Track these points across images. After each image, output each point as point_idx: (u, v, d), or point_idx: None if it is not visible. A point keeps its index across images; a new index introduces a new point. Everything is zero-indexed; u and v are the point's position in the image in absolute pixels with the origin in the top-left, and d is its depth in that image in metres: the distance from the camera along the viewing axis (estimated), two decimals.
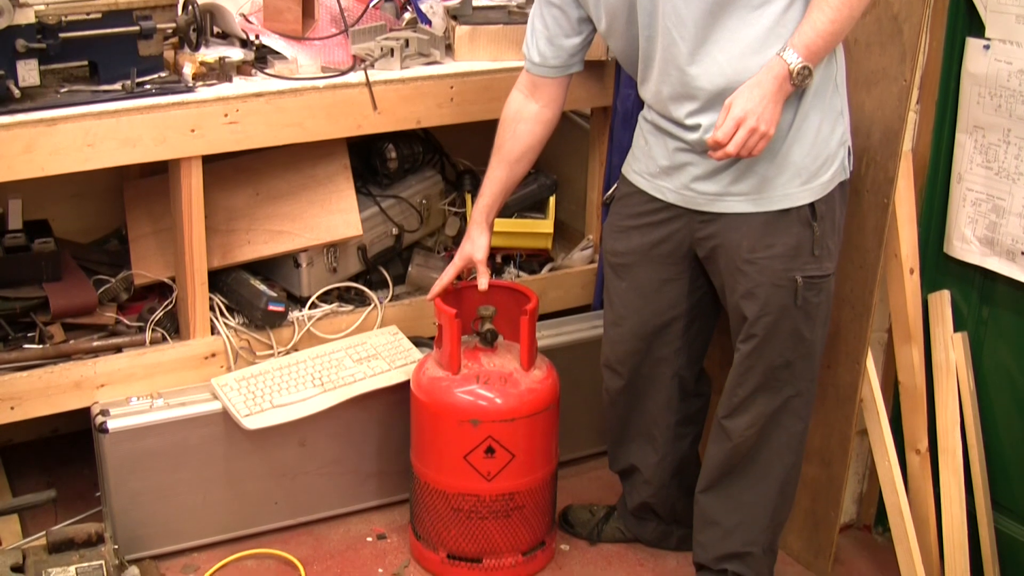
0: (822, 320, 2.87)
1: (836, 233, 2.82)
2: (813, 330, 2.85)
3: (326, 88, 3.20)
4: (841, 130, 2.75)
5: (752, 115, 2.56)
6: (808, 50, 2.55)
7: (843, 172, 2.78)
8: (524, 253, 3.83)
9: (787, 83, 2.58)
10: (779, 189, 2.73)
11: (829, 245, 2.80)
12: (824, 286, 2.82)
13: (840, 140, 2.76)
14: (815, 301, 2.82)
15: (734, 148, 2.58)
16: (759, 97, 2.57)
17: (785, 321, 2.82)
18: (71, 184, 3.37)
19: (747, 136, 2.57)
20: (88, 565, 2.92)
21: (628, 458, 3.29)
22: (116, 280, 3.37)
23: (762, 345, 2.86)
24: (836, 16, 2.54)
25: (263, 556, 3.32)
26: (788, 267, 2.77)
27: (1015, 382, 3.12)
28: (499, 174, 3.15)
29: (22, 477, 3.62)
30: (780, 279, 2.78)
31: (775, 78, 2.57)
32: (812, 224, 2.75)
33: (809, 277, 2.78)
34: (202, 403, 3.20)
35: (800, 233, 2.76)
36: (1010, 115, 2.93)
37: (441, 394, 3.11)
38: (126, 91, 3.01)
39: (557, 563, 3.36)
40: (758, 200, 2.75)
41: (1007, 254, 3.01)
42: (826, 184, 2.75)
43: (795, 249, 2.77)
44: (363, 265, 3.60)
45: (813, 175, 2.73)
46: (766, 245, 2.78)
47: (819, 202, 2.75)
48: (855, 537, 3.52)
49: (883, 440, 3.14)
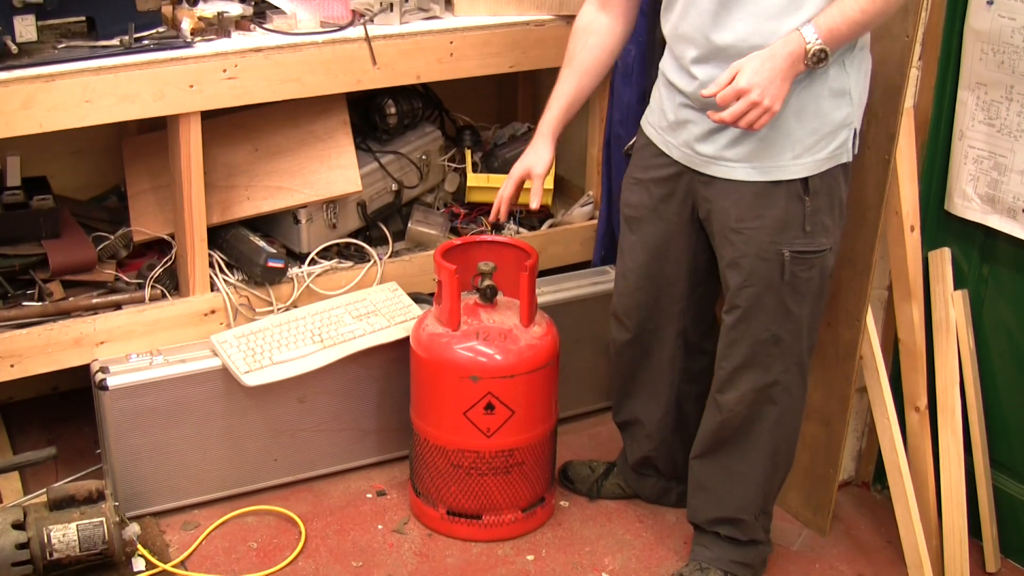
0: (813, 295, 2.83)
1: (835, 211, 2.77)
2: (801, 305, 2.81)
3: (325, 43, 3.19)
4: (846, 111, 2.68)
5: (757, 88, 2.51)
6: (830, 33, 2.51)
7: (845, 153, 2.72)
8: (524, 209, 3.82)
9: (800, 62, 2.53)
10: (772, 160, 2.69)
11: (825, 222, 2.75)
12: (816, 262, 2.78)
13: (843, 120, 2.68)
14: (804, 276, 2.78)
15: (730, 117, 2.55)
16: (768, 71, 2.51)
17: (770, 295, 2.79)
18: (70, 141, 3.37)
19: (747, 108, 2.53)
20: (89, 522, 2.93)
21: (632, 410, 3.30)
22: (115, 237, 3.37)
23: (746, 317, 2.84)
24: (868, 7, 2.49)
25: (263, 512, 3.33)
26: (775, 240, 2.74)
27: (1015, 340, 3.12)
28: (567, 87, 3.05)
29: (23, 435, 3.63)
30: (766, 252, 2.75)
31: (789, 55, 2.52)
32: (804, 198, 2.71)
33: (798, 252, 2.75)
34: (202, 360, 3.20)
35: (790, 206, 2.72)
36: (1012, 72, 2.92)
37: (441, 350, 3.11)
38: (124, 46, 2.99)
39: (556, 519, 3.37)
40: (749, 168, 2.71)
41: (1008, 212, 3.01)
42: (822, 161, 2.70)
43: (784, 222, 2.73)
44: (363, 221, 3.59)
45: (808, 149, 2.68)
46: (755, 215, 2.75)
47: (814, 178, 2.70)
48: (854, 494, 3.53)
49: (882, 398, 3.15)
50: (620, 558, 3.23)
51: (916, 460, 3.22)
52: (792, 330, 2.84)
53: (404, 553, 3.21)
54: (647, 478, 3.40)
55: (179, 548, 3.18)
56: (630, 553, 3.25)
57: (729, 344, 2.90)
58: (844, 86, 2.66)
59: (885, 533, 3.36)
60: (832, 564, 3.25)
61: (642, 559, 3.23)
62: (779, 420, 2.94)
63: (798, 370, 2.91)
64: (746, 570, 3.10)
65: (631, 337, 3.16)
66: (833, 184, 2.74)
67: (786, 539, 3.32)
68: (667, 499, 3.42)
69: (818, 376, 3.21)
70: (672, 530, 3.34)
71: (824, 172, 2.71)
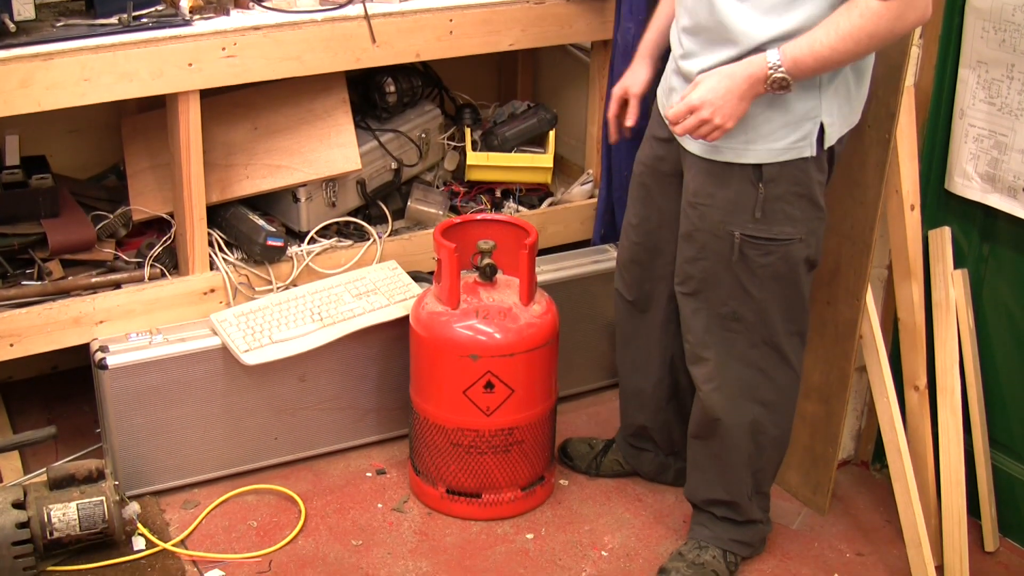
0: (778, 282, 2.80)
1: (803, 202, 2.73)
2: (763, 289, 2.80)
3: (324, 21, 3.18)
4: (811, 104, 2.63)
5: (708, 107, 2.57)
6: (795, 63, 2.50)
7: (808, 147, 2.66)
8: (524, 187, 3.83)
9: (760, 85, 2.54)
10: (727, 141, 2.67)
11: (788, 211, 2.72)
12: (775, 250, 2.75)
13: (807, 113, 2.64)
14: (761, 261, 2.76)
15: (681, 131, 2.64)
16: (724, 90, 2.56)
17: (723, 271, 2.80)
18: (68, 119, 3.36)
19: (696, 124, 2.59)
20: (89, 501, 2.94)
21: (628, 375, 3.32)
22: (114, 216, 3.37)
23: (702, 288, 2.85)
24: (838, 45, 2.47)
25: (263, 491, 3.34)
26: (725, 220, 2.75)
27: (1015, 320, 3.12)
28: (667, 8, 3.02)
29: (22, 414, 3.63)
30: (718, 230, 2.76)
31: (749, 77, 2.54)
32: (757, 185, 2.69)
33: (750, 236, 2.73)
34: (201, 339, 3.20)
35: (741, 190, 2.71)
36: (1014, 50, 2.91)
37: (440, 329, 3.11)
38: (123, 25, 2.98)
39: (556, 498, 3.38)
40: (708, 146, 2.72)
41: (1008, 191, 3.00)
42: (779, 151, 2.66)
43: (733, 204, 2.73)
44: (362, 200, 3.58)
45: (764, 137, 2.65)
46: (708, 193, 2.76)
47: (769, 166, 2.67)
48: (853, 473, 3.53)
49: (882, 377, 3.14)
50: (619, 536, 3.24)
51: (915, 439, 3.23)
52: (755, 310, 2.83)
53: (404, 532, 3.22)
54: (645, 452, 3.41)
55: (179, 527, 3.18)
56: (629, 531, 3.26)
57: (691, 314, 2.91)
58: (814, 82, 2.61)
59: (884, 512, 3.36)
60: (831, 543, 3.25)
61: (641, 537, 3.23)
62: (752, 398, 2.93)
63: (772, 352, 2.89)
64: (744, 548, 3.11)
65: (627, 294, 3.19)
66: (798, 175, 2.70)
67: (785, 518, 3.33)
68: (665, 476, 3.43)
69: (818, 355, 3.21)
70: (671, 509, 3.35)
71: (785, 162, 2.67)
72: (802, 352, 2.97)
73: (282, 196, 3.46)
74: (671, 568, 3.05)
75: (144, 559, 3.04)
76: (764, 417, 2.97)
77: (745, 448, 2.99)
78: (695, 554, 3.07)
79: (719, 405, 2.94)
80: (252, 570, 3.06)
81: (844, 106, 2.69)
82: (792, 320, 2.88)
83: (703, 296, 2.86)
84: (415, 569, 3.08)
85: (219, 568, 3.06)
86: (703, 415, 2.99)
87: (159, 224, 3.39)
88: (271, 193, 3.44)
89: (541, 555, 3.16)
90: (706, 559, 3.06)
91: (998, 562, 3.22)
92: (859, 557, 3.21)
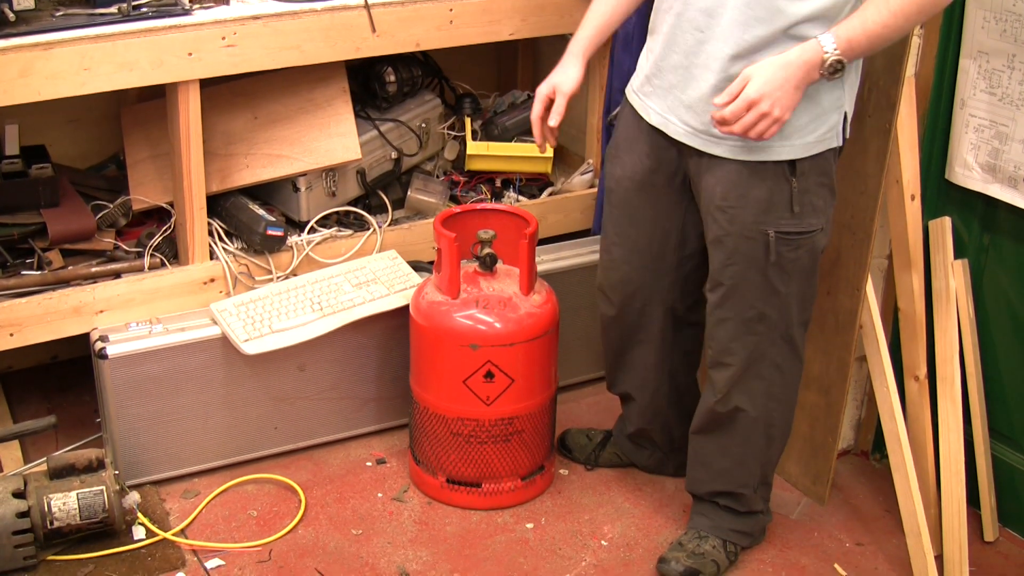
0: (801, 273, 2.79)
1: (826, 191, 2.73)
2: (788, 284, 2.78)
3: (324, 11, 3.17)
4: (837, 94, 2.63)
5: (768, 99, 2.47)
6: (849, 44, 2.46)
7: (835, 137, 2.67)
8: (524, 177, 3.82)
9: (815, 71, 2.48)
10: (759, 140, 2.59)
11: (815, 203, 2.71)
12: (803, 243, 2.74)
13: (834, 103, 2.63)
14: (791, 257, 2.74)
15: (740, 129, 2.51)
16: (781, 80, 2.47)
17: (754, 274, 2.76)
18: (68, 109, 3.36)
19: (756, 119, 2.49)
20: (89, 491, 2.94)
21: (623, 385, 3.30)
22: (114, 205, 3.36)
23: (731, 295, 2.81)
24: (890, 21, 2.43)
25: (263, 481, 3.34)
26: (760, 220, 2.70)
27: (1015, 310, 3.12)
28: (602, 7, 2.97)
29: (22, 404, 3.63)
30: (750, 231, 2.71)
31: (805, 63, 2.47)
32: (791, 180, 2.66)
33: (784, 233, 2.71)
34: (201, 328, 3.20)
35: (776, 187, 2.67)
36: (1015, 40, 2.91)
37: (440, 318, 3.11)
38: (122, 14, 2.98)
39: (556, 488, 3.38)
40: (737, 147, 2.66)
41: (1009, 181, 3.00)
42: (812, 144, 2.64)
43: (769, 203, 2.68)
44: (362, 189, 3.58)
45: (797, 131, 2.62)
46: (739, 195, 2.70)
47: (802, 160, 2.65)
48: (853, 463, 3.54)
49: (882, 367, 3.15)
50: (619, 526, 3.24)
51: (915, 429, 3.23)
52: (778, 307, 2.81)
53: (404, 521, 3.22)
54: (643, 449, 3.41)
55: (179, 516, 3.18)
56: (629, 521, 3.26)
57: (716, 323, 2.88)
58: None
59: (884, 502, 3.37)
60: (831, 533, 3.26)
61: (641, 527, 3.24)
62: (770, 394, 2.93)
63: (786, 345, 2.88)
64: (744, 538, 3.11)
65: (616, 313, 3.14)
66: (824, 166, 2.70)
67: (785, 508, 3.33)
68: (664, 470, 3.43)
69: (818, 345, 3.21)
70: (671, 498, 3.35)
71: (814, 155, 2.66)
72: (805, 342, 2.96)
73: (282, 186, 3.46)
74: (671, 558, 3.05)
75: (144, 548, 3.05)
76: (775, 411, 2.97)
77: (757, 442, 2.99)
78: (695, 544, 3.07)
79: (737, 399, 2.93)
80: (252, 559, 3.06)
81: (855, 93, 2.71)
82: (805, 311, 2.88)
83: (731, 304, 2.83)
84: (415, 558, 3.09)
85: (219, 557, 3.06)
86: (714, 410, 2.98)
87: (159, 214, 3.39)
88: (271, 183, 3.43)
89: (541, 544, 3.16)
90: (706, 548, 3.06)
91: (998, 552, 3.23)
92: (859, 547, 3.22)
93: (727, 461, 3.04)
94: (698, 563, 3.04)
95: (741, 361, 2.88)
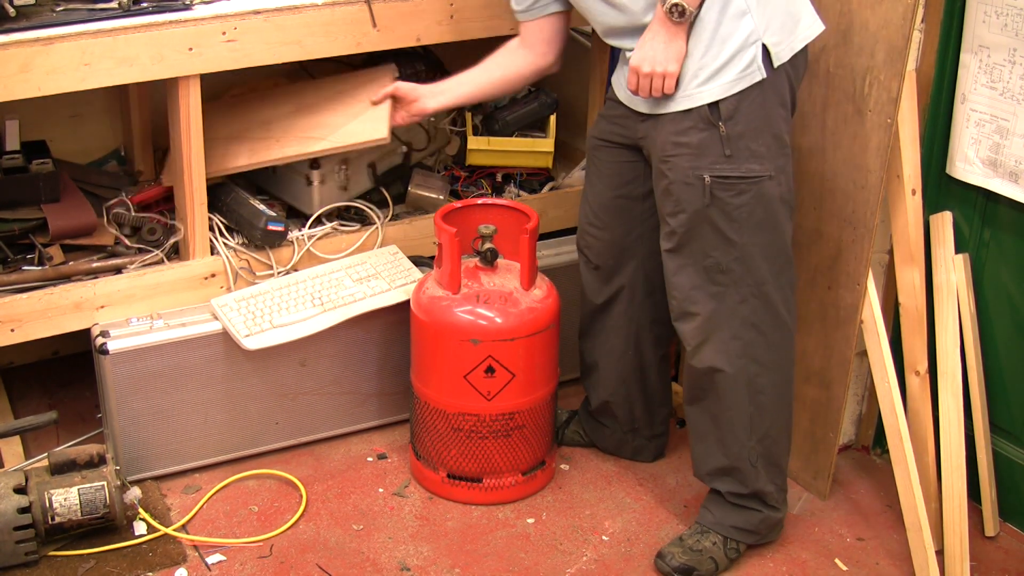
0: (758, 226, 2.83)
1: (765, 136, 2.79)
2: (742, 233, 2.82)
3: (325, 5, 3.17)
4: (747, 29, 2.71)
5: (645, 62, 2.75)
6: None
7: (757, 71, 2.74)
8: (524, 172, 3.82)
9: (668, 23, 2.71)
10: (680, 91, 2.78)
11: (752, 147, 2.78)
12: (747, 188, 2.79)
13: (745, 39, 2.72)
14: (735, 202, 2.80)
15: (644, 94, 2.81)
16: (647, 42, 2.74)
17: (702, 221, 2.83)
18: (69, 104, 3.36)
19: (648, 81, 2.78)
20: (90, 486, 2.94)
21: (592, 352, 3.34)
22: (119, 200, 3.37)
23: (684, 242, 2.87)
24: None
25: (264, 476, 3.34)
26: (695, 165, 2.80)
27: (1015, 304, 3.12)
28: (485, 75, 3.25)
29: (23, 399, 3.63)
30: (688, 177, 2.81)
31: (659, 21, 2.72)
32: (718, 124, 2.75)
33: (721, 177, 2.78)
34: (202, 324, 3.20)
35: (706, 131, 2.77)
36: (1016, 34, 2.90)
37: (441, 313, 3.11)
38: (123, 9, 2.97)
39: (557, 483, 3.38)
40: (660, 102, 2.83)
41: (1010, 175, 3.00)
42: (731, 84, 2.74)
43: (699, 148, 2.79)
44: (372, 183, 3.58)
45: (713, 75, 2.74)
46: (674, 144, 2.82)
47: (724, 101, 2.75)
48: (853, 458, 3.54)
49: (883, 362, 3.14)
50: (620, 521, 3.24)
51: (916, 424, 3.23)
52: (739, 259, 2.85)
53: (405, 516, 3.22)
54: (604, 427, 3.44)
55: (180, 512, 3.19)
56: (630, 516, 3.26)
57: (675, 272, 2.93)
58: (742, 7, 2.70)
59: (885, 497, 3.37)
60: (832, 528, 3.26)
61: (642, 522, 3.24)
62: (749, 356, 2.93)
63: (761, 303, 2.89)
64: (748, 536, 3.10)
65: (594, 260, 3.22)
66: (757, 110, 2.77)
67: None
68: (623, 451, 3.46)
69: (818, 339, 3.21)
70: (672, 493, 3.35)
71: (738, 95, 2.74)
72: (793, 306, 2.97)
73: (294, 179, 3.46)
74: (668, 552, 3.05)
75: (145, 544, 3.05)
76: (762, 376, 2.96)
77: (743, 407, 2.98)
78: (695, 539, 3.07)
79: (711, 358, 2.94)
80: (253, 555, 3.06)
81: (786, 21, 2.77)
82: (780, 271, 2.89)
83: (686, 251, 2.88)
84: (416, 553, 3.09)
85: (220, 552, 3.06)
86: (695, 373, 2.99)
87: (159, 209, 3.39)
88: (284, 175, 3.46)
89: (542, 539, 3.16)
90: (705, 545, 3.06)
91: (998, 546, 3.23)
92: (860, 542, 3.22)
93: (717, 431, 3.04)
94: (694, 559, 3.04)
95: (707, 312, 2.91)
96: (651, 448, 3.46)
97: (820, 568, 3.12)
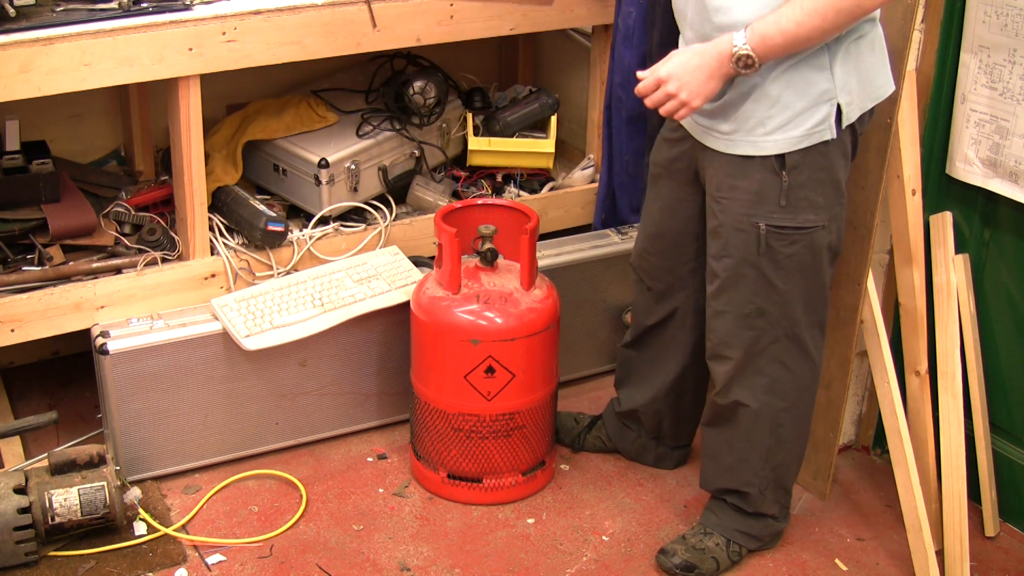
0: (803, 271, 2.78)
1: (826, 188, 2.72)
2: (788, 280, 2.78)
3: (324, 5, 3.17)
4: (824, 87, 2.61)
5: (675, 80, 2.59)
6: (762, 42, 2.50)
7: (828, 131, 2.64)
8: (525, 172, 3.82)
9: (727, 64, 2.55)
10: (746, 135, 2.67)
11: (811, 198, 2.70)
12: (799, 238, 2.74)
13: (821, 96, 2.62)
14: (786, 252, 2.75)
15: (651, 104, 2.65)
16: (694, 67, 2.58)
17: (748, 267, 2.78)
18: (69, 104, 3.37)
19: (664, 99, 2.61)
20: (90, 486, 2.94)
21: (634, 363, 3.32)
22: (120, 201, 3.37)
23: (726, 287, 2.83)
24: (805, 20, 2.46)
25: (264, 476, 3.34)
26: (750, 212, 2.72)
27: (1016, 305, 3.12)
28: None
29: (23, 399, 3.63)
30: (741, 223, 2.74)
31: (718, 54, 2.56)
32: (780, 173, 2.68)
33: (776, 227, 2.72)
34: (202, 324, 3.20)
35: (766, 180, 2.69)
36: (1016, 35, 2.90)
37: (441, 314, 3.11)
38: (123, 9, 2.98)
39: (557, 483, 3.38)
40: (727, 141, 2.71)
41: (1010, 176, 3.00)
42: (799, 139, 2.64)
43: (758, 196, 2.70)
44: (383, 186, 3.58)
45: (781, 126, 2.64)
46: (730, 186, 2.74)
47: (792, 154, 2.66)
48: (853, 458, 3.54)
49: (883, 362, 3.14)
50: (620, 521, 3.24)
51: (916, 424, 3.23)
52: (778, 303, 2.81)
53: (405, 516, 3.22)
54: (629, 431, 3.42)
55: (180, 512, 3.19)
56: (630, 516, 3.26)
57: (714, 315, 2.90)
58: (823, 63, 2.60)
59: (885, 497, 3.37)
60: (832, 528, 3.26)
61: (642, 522, 3.24)
62: (773, 391, 2.92)
63: (792, 343, 2.87)
64: (751, 540, 3.11)
65: (643, 288, 3.19)
66: (821, 161, 2.69)
67: None
68: (645, 457, 3.44)
69: None
70: (672, 494, 3.35)
71: (806, 149, 2.66)
72: (822, 343, 2.95)
73: (303, 179, 3.47)
74: (671, 550, 3.06)
75: (145, 544, 3.05)
76: (784, 412, 2.95)
77: (763, 441, 2.98)
78: (698, 539, 3.07)
79: (737, 393, 2.93)
80: (253, 555, 3.06)
81: (863, 81, 2.68)
82: (813, 311, 2.86)
83: (727, 296, 2.84)
84: (416, 554, 3.09)
85: (220, 553, 3.06)
86: (719, 403, 2.99)
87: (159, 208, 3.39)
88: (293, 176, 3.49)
89: (542, 540, 3.16)
90: (708, 545, 3.06)
91: (998, 547, 3.23)
92: (859, 542, 3.22)
93: (732, 457, 3.03)
94: (696, 558, 3.04)
95: (739, 355, 2.88)
96: (674, 457, 3.44)
97: (820, 568, 3.12)
